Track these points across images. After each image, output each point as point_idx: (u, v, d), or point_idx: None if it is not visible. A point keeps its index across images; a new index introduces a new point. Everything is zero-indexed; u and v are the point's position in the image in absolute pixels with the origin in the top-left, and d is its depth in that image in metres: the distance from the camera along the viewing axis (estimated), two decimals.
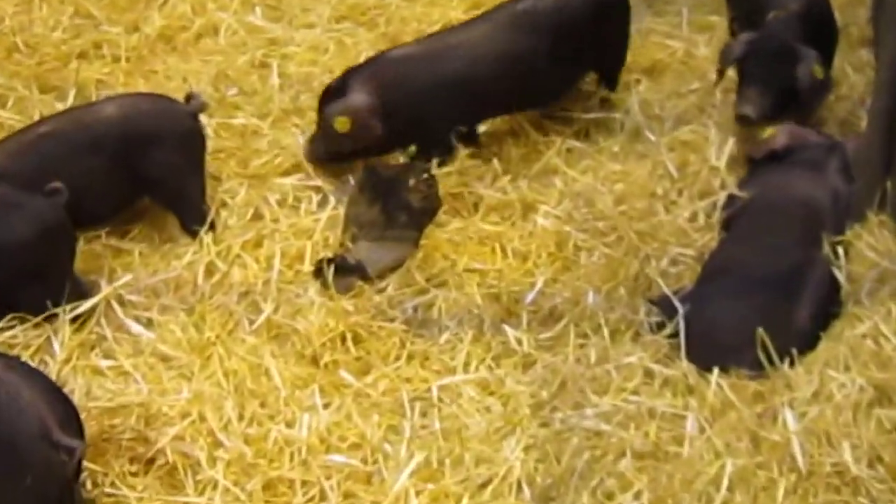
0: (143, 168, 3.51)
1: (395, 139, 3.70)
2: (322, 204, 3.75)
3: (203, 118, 3.79)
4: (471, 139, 3.90)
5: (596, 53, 3.99)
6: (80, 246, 3.44)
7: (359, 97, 3.70)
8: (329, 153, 3.76)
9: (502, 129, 4.10)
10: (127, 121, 3.52)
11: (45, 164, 3.32)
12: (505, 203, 3.76)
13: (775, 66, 3.79)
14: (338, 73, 4.08)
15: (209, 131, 3.92)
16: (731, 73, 4.03)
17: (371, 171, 3.61)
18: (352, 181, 3.71)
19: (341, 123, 3.70)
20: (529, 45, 3.91)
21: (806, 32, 3.93)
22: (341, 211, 3.66)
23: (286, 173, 3.85)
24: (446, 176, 3.80)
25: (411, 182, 3.57)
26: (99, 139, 3.45)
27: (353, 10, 4.57)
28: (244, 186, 3.77)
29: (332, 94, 3.78)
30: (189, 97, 3.63)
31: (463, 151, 3.89)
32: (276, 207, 3.71)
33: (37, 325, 3.16)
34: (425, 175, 3.59)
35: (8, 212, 3.11)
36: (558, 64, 3.95)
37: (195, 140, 3.60)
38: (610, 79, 4.07)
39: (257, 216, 3.67)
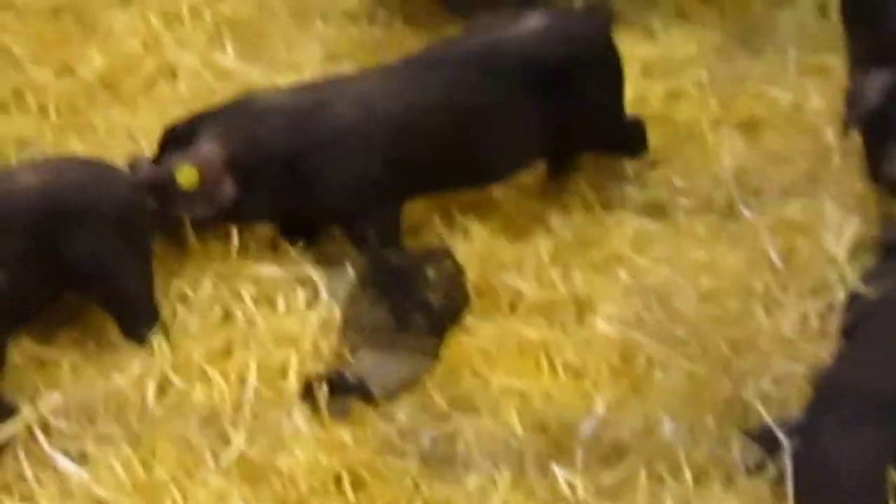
0: (71, 255, 3.52)
1: (252, 210, 3.78)
2: (312, 301, 3.75)
3: None
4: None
5: (555, 125, 3.93)
6: None
7: (211, 146, 3.78)
8: (160, 210, 3.79)
9: (547, 197, 4.08)
10: (49, 193, 3.51)
11: None
12: (553, 300, 3.74)
13: None
14: None
15: None
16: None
17: (377, 259, 3.68)
18: (351, 270, 3.73)
19: (186, 175, 3.74)
20: (451, 99, 3.95)
21: None
22: (338, 310, 3.66)
23: (263, 259, 3.86)
24: (472, 262, 3.78)
25: (430, 273, 3.61)
26: (14, 217, 3.45)
27: (352, 45, 4.65)
28: (209, 275, 3.77)
29: (176, 138, 3.83)
30: (133, 163, 3.65)
31: (482, 228, 3.94)
32: (250, 304, 3.69)
33: None
34: (448, 263, 3.65)
35: None
36: (495, 132, 3.96)
37: (138, 219, 3.59)
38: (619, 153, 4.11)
39: (227, 316, 3.66)
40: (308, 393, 3.41)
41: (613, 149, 4.17)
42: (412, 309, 3.60)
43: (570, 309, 3.75)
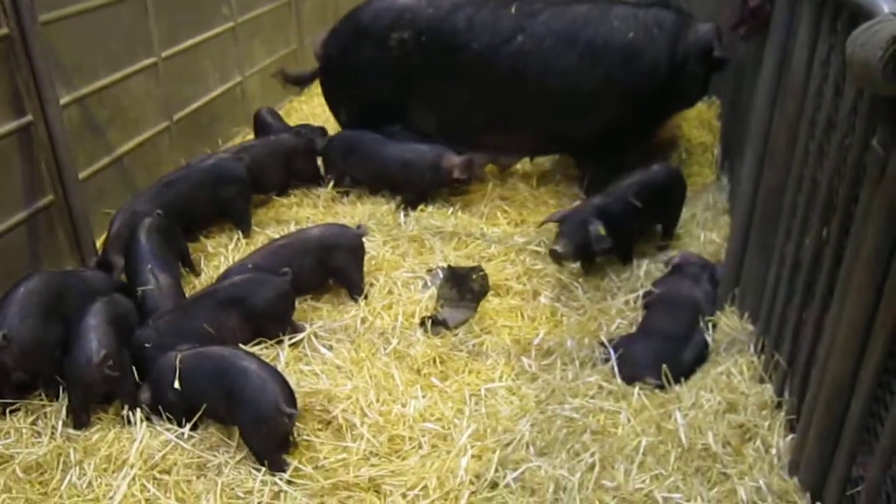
0: (331, 266, 4.82)
1: None
2: (425, 286, 5.01)
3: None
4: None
5: None
6: (298, 304, 4.61)
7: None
8: None
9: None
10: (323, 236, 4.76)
11: (280, 261, 4.61)
12: (524, 291, 5.04)
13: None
14: None
15: None
16: None
17: (452, 269, 4.77)
18: (441, 274, 4.90)
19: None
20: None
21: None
22: (435, 290, 4.84)
23: (401, 268, 5.16)
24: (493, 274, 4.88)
25: (473, 276, 4.73)
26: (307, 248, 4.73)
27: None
28: (382, 273, 5.06)
29: None
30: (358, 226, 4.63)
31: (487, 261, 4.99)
32: (401, 287, 4.99)
33: (270, 348, 4.31)
34: (481, 272, 4.79)
35: (262, 284, 4.40)
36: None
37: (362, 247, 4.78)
38: None
39: (390, 292, 5.00)
40: (423, 324, 4.57)
41: None
42: (466, 290, 4.70)
43: (530, 293, 5.01)
